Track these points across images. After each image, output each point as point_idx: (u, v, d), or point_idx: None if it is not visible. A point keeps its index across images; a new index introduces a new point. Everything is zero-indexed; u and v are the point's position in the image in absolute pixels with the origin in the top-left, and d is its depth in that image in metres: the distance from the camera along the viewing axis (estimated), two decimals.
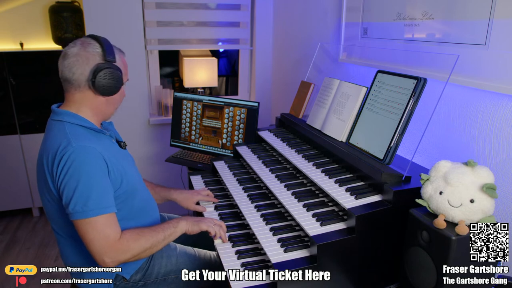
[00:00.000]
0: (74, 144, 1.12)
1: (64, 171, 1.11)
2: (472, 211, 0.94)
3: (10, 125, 2.96)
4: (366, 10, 1.70)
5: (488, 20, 1.11)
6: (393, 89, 1.28)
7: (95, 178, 1.12)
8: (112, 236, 1.13)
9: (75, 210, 1.10)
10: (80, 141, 1.14)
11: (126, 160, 1.31)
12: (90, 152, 1.13)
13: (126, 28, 2.69)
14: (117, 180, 1.20)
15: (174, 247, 1.42)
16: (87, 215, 1.10)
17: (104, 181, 1.15)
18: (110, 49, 1.22)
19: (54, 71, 3.38)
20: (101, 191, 1.13)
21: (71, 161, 1.10)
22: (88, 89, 1.21)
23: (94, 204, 1.10)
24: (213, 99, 2.30)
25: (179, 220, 1.30)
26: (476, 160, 1.04)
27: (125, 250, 1.15)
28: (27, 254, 2.70)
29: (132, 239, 1.17)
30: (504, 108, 1.11)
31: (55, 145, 1.14)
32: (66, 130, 1.16)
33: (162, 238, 1.24)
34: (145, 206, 1.36)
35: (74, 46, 1.20)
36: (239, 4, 2.93)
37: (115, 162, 1.20)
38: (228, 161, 1.85)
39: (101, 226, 1.12)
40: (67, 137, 1.14)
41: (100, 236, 1.11)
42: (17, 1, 3.07)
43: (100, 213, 1.12)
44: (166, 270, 1.35)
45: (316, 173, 1.36)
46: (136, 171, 1.37)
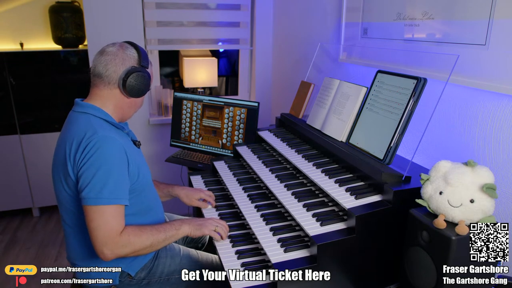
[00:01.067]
0: (100, 134, 1.17)
1: (87, 157, 1.15)
2: (472, 211, 0.94)
3: (10, 125, 2.96)
4: (366, 10, 1.70)
5: (488, 20, 1.11)
6: (393, 89, 1.28)
7: (115, 168, 1.16)
8: (115, 228, 1.15)
9: (89, 196, 1.13)
10: (106, 131, 1.19)
11: (140, 158, 1.35)
12: (114, 143, 1.18)
13: (126, 28, 2.69)
14: (135, 174, 1.25)
15: (178, 249, 1.43)
16: (99, 202, 1.13)
17: (123, 172, 1.19)
18: (146, 56, 1.31)
19: (54, 71, 3.38)
20: (118, 182, 1.17)
21: (96, 149, 1.15)
22: (117, 87, 1.27)
23: (108, 192, 1.14)
24: (213, 99, 2.30)
25: (182, 223, 1.31)
26: (476, 160, 1.04)
27: (125, 244, 1.16)
28: (27, 254, 2.70)
29: (134, 234, 1.19)
30: (504, 108, 1.11)
31: (80, 133, 1.18)
32: (92, 121, 1.21)
33: (163, 238, 1.25)
34: (153, 205, 1.39)
35: (113, 46, 1.28)
36: (239, 4, 2.93)
37: (133, 157, 1.25)
38: (228, 161, 1.85)
39: (108, 215, 1.14)
40: (93, 127, 1.19)
41: (105, 226, 1.13)
42: (17, 1, 3.07)
43: (112, 203, 1.15)
44: (170, 270, 1.36)
45: (316, 173, 1.36)
46: (148, 169, 1.40)
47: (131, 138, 1.37)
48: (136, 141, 1.37)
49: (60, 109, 3.06)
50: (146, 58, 1.31)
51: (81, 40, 3.12)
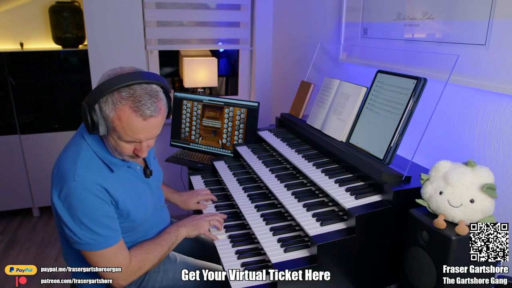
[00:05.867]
0: (72, 182, 1.06)
1: (65, 208, 1.08)
2: (472, 211, 0.94)
3: (10, 125, 2.96)
4: (366, 10, 1.70)
5: (488, 20, 1.11)
6: (393, 89, 1.28)
7: (98, 213, 1.09)
8: (122, 263, 1.15)
9: (80, 242, 1.09)
10: (84, 174, 1.08)
11: (143, 191, 1.26)
12: (89, 189, 1.07)
13: (126, 28, 2.69)
14: (122, 215, 1.18)
15: (174, 258, 1.40)
16: (95, 248, 1.10)
17: (108, 213, 1.12)
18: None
19: (54, 71, 3.37)
20: (106, 224, 1.11)
21: (69, 201, 1.07)
22: None
23: (100, 237, 1.10)
24: (213, 99, 2.30)
25: (179, 228, 1.33)
26: (476, 160, 1.04)
27: (136, 271, 1.18)
28: (27, 254, 2.70)
29: (142, 259, 1.20)
30: (504, 108, 1.11)
31: (63, 171, 1.09)
32: (80, 155, 1.11)
33: (167, 249, 1.28)
34: (156, 227, 1.36)
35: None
36: (239, 4, 2.93)
37: (123, 197, 1.16)
38: (228, 161, 1.85)
39: (110, 256, 1.13)
40: (74, 166, 1.08)
41: (111, 266, 1.13)
42: (17, 1, 3.07)
43: (108, 246, 1.12)
44: (161, 286, 1.33)
45: (316, 173, 1.36)
46: (154, 197, 1.34)
47: (145, 165, 1.30)
48: (147, 170, 1.28)
49: (60, 109, 3.06)
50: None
51: (81, 40, 3.12)
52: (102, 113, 1.04)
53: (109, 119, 1.04)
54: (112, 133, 1.07)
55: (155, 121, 1.07)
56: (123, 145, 1.10)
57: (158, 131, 1.12)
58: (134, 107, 1.02)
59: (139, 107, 1.02)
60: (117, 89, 1.02)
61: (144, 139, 1.09)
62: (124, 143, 1.09)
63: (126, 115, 1.02)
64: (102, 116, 1.05)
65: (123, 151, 1.11)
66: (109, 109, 1.03)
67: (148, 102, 1.04)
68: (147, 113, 1.04)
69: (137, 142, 1.11)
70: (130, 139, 1.07)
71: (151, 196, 1.32)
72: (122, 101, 1.02)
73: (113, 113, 1.03)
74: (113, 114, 1.03)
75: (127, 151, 1.12)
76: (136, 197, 1.22)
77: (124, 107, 1.02)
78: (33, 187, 3.12)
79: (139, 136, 1.07)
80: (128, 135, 1.06)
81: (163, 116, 1.11)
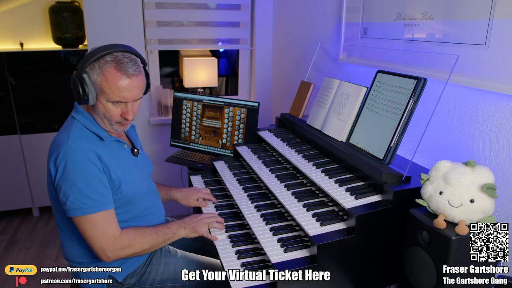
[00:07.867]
0: (66, 146, 1.15)
1: (59, 172, 1.14)
2: (472, 211, 0.94)
3: (10, 125, 2.96)
4: (366, 10, 1.70)
5: (488, 20, 1.11)
6: (393, 89, 1.28)
7: (90, 176, 1.15)
8: (111, 233, 1.16)
9: (72, 207, 1.13)
10: (78, 141, 1.17)
11: (133, 168, 1.32)
12: (83, 152, 1.16)
13: (126, 28, 2.69)
14: (115, 185, 1.22)
15: (175, 253, 1.42)
16: (85, 212, 1.13)
17: (100, 179, 1.17)
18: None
19: (54, 71, 3.38)
20: (98, 188, 1.15)
21: (64, 162, 1.14)
22: None
23: (91, 201, 1.13)
24: (213, 99, 2.30)
25: (179, 227, 1.34)
26: (476, 160, 1.04)
27: (125, 247, 1.19)
28: (27, 254, 2.70)
29: (134, 238, 1.20)
30: (504, 108, 1.11)
31: (58, 144, 1.17)
32: (73, 129, 1.20)
33: (161, 241, 1.28)
34: (150, 211, 1.37)
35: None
36: (239, 4, 2.93)
37: (115, 167, 1.22)
38: (228, 161, 1.85)
39: (100, 223, 1.15)
40: (68, 137, 1.17)
41: (101, 234, 1.14)
42: (17, 1, 3.07)
43: (98, 210, 1.14)
44: (162, 278, 1.35)
45: (316, 173, 1.36)
46: (144, 178, 1.38)
47: (131, 144, 1.36)
48: (134, 149, 1.36)
49: (60, 109, 3.06)
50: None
51: (81, 40, 3.12)
52: (90, 79, 1.17)
53: (97, 83, 1.17)
54: (101, 97, 1.18)
55: (137, 81, 1.20)
56: (111, 109, 1.21)
57: (140, 93, 1.23)
58: (118, 68, 1.16)
59: (122, 67, 1.16)
60: (101, 55, 1.16)
61: (130, 98, 1.20)
62: (111, 106, 1.20)
63: (111, 75, 1.16)
64: (91, 81, 1.17)
65: (111, 115, 1.22)
66: (96, 74, 1.16)
67: (129, 63, 1.18)
68: (130, 72, 1.17)
69: (123, 103, 1.20)
70: (118, 98, 1.18)
71: (142, 175, 1.36)
72: (107, 64, 1.16)
73: (100, 77, 1.16)
74: (100, 77, 1.16)
75: (115, 116, 1.22)
76: (126, 169, 1.27)
77: (109, 69, 1.16)
78: (33, 187, 3.12)
79: (125, 95, 1.18)
80: (115, 94, 1.17)
81: (143, 79, 1.23)
